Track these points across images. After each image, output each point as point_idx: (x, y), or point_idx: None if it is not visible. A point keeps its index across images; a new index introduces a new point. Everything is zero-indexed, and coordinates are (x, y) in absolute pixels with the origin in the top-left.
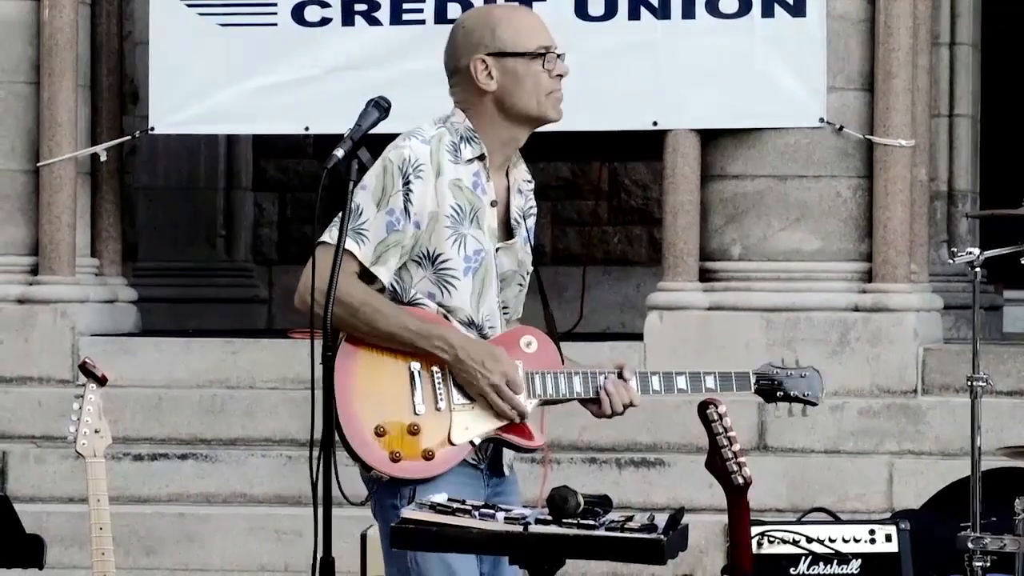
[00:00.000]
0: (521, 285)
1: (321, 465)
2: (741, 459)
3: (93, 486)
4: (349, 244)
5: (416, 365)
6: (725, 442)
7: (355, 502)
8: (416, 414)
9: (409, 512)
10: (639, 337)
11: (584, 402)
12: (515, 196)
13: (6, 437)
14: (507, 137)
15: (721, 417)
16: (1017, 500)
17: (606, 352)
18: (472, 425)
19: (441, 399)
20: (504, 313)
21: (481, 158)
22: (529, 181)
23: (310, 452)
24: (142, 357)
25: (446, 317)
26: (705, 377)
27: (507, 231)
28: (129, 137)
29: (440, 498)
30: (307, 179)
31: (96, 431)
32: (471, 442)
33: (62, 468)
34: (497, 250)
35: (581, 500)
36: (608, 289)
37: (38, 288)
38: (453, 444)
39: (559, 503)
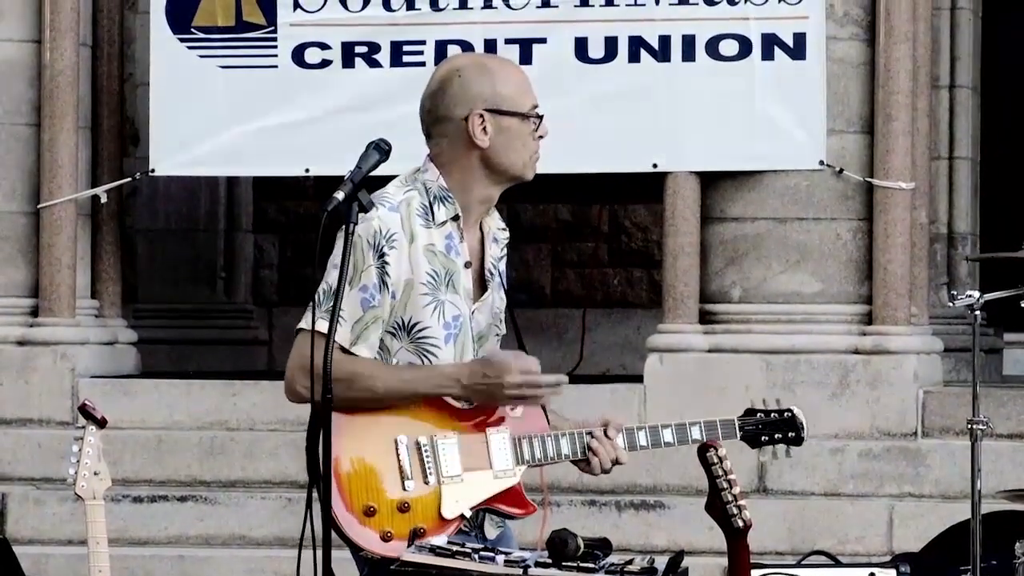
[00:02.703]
0: (497, 335)
1: (315, 515)
2: (741, 502)
3: (92, 528)
4: (323, 327)
5: (404, 438)
6: (725, 485)
7: None
8: (405, 490)
9: (409, 555)
10: (639, 379)
11: (574, 461)
12: (489, 246)
13: (6, 479)
14: (485, 195)
15: (721, 460)
16: (1017, 544)
17: (606, 394)
18: (463, 498)
19: (430, 472)
20: None
21: (455, 218)
22: (503, 229)
23: (303, 523)
24: (142, 399)
25: None
26: (691, 428)
27: (481, 287)
28: (129, 179)
29: (440, 541)
30: (308, 221)
31: (96, 473)
32: (462, 515)
33: (61, 510)
34: (473, 312)
35: (581, 543)
36: (608, 331)
37: (38, 330)
38: (445, 519)
39: (559, 546)
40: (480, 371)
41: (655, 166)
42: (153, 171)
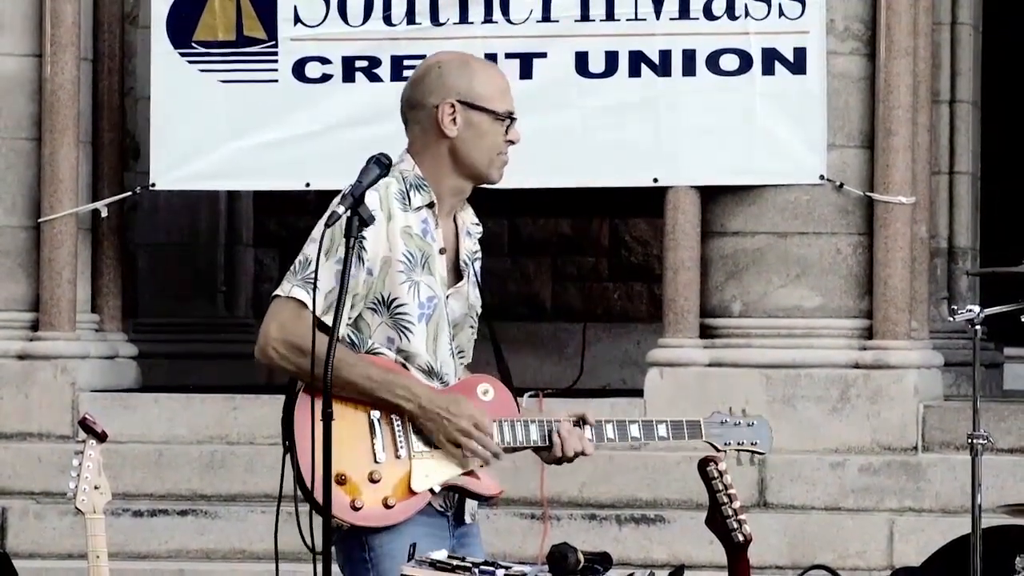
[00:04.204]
0: (472, 327)
1: (305, 524)
2: (741, 516)
3: (93, 542)
4: (300, 294)
5: (376, 413)
6: (725, 499)
7: (318, 551)
8: (376, 462)
9: (409, 569)
10: (639, 393)
11: (536, 449)
12: (464, 239)
13: (6, 493)
14: (454, 187)
15: (721, 474)
16: (1017, 558)
17: (606, 408)
18: (432, 473)
19: (401, 447)
20: (460, 357)
21: (431, 205)
22: (477, 224)
23: (277, 507)
24: (142, 413)
25: (404, 366)
26: (658, 426)
27: (456, 275)
28: (130, 193)
29: (440, 555)
30: (308, 235)
31: (96, 487)
32: (431, 490)
33: (62, 524)
34: (447, 297)
35: (581, 557)
36: (608, 345)
37: (38, 344)
38: (413, 492)
39: (559, 560)
40: (444, 403)
41: (655, 180)
42: (154, 185)
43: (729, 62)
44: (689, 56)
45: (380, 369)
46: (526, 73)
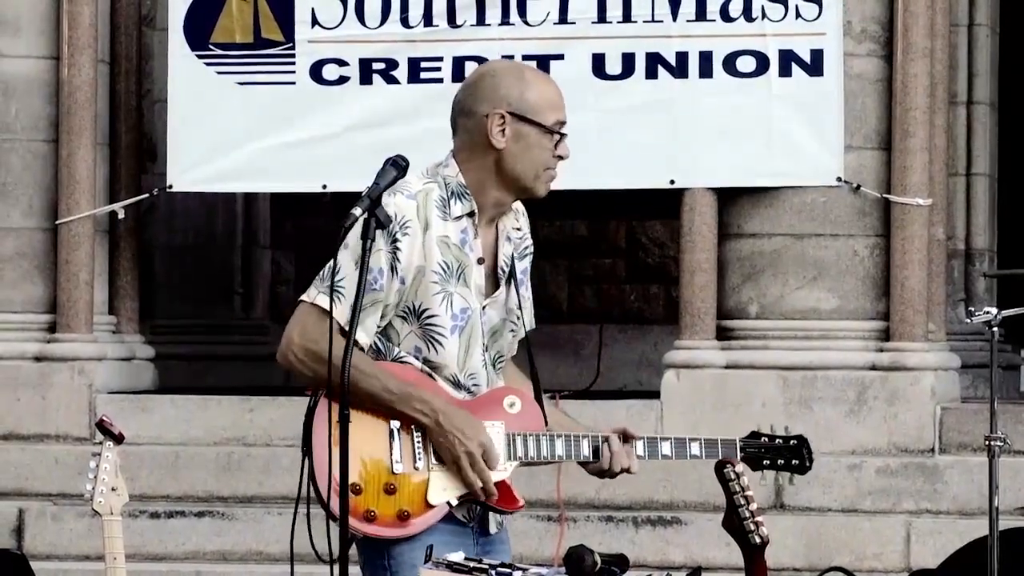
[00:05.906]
0: (513, 331)
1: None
2: (758, 518)
3: (110, 544)
4: (323, 301)
5: (396, 423)
6: (742, 501)
7: (325, 559)
8: (393, 473)
9: (426, 571)
10: (656, 395)
11: (582, 463)
12: (503, 245)
13: (23, 495)
14: (497, 198)
15: (738, 476)
16: None
17: (623, 410)
18: (450, 486)
19: (420, 458)
20: (499, 361)
21: (471, 215)
22: (518, 229)
23: (296, 512)
24: (159, 415)
25: (431, 375)
26: (691, 444)
27: (494, 284)
28: (147, 195)
29: (457, 557)
30: (325, 237)
31: (113, 489)
32: (448, 503)
33: (79, 526)
34: (484, 307)
35: (598, 559)
36: (625, 347)
37: (56, 346)
38: (430, 505)
39: (576, 562)
40: (461, 423)
41: (672, 182)
42: (171, 187)
43: (746, 64)
44: (706, 58)
45: (399, 381)
46: None
